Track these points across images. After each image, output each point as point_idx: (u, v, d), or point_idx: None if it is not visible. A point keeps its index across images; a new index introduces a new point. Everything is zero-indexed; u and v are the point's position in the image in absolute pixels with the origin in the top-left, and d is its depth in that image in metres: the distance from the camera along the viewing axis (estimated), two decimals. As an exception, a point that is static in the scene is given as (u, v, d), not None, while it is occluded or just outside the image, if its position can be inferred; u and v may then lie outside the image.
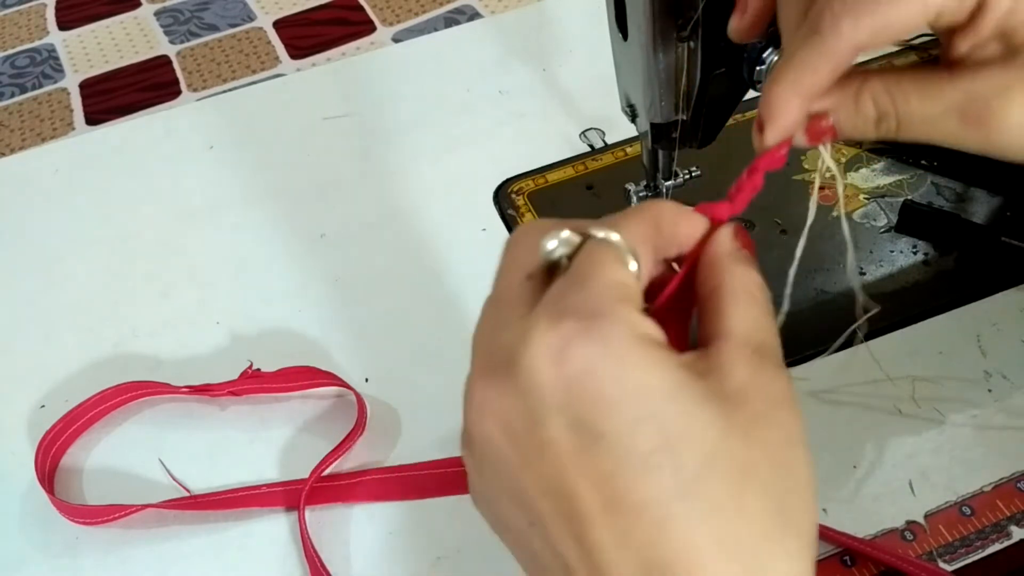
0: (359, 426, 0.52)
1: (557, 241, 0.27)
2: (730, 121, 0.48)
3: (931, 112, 0.29)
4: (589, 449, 0.23)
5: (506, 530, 0.27)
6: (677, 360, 0.25)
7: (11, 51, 0.87)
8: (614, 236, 0.27)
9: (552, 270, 0.27)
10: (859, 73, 0.30)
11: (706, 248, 0.29)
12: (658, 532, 0.23)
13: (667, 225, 0.28)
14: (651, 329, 0.25)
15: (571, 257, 0.27)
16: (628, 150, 0.66)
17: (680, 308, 0.29)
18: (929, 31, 0.29)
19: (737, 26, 0.33)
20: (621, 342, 0.24)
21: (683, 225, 0.29)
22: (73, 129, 0.77)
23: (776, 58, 0.43)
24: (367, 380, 0.54)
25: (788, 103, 0.30)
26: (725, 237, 0.29)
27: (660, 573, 0.23)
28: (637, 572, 0.23)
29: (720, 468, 0.23)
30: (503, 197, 0.64)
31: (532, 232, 0.28)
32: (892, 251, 0.57)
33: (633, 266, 0.27)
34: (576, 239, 0.27)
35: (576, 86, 0.72)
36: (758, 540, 0.23)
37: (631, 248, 0.27)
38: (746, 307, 0.27)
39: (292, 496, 0.49)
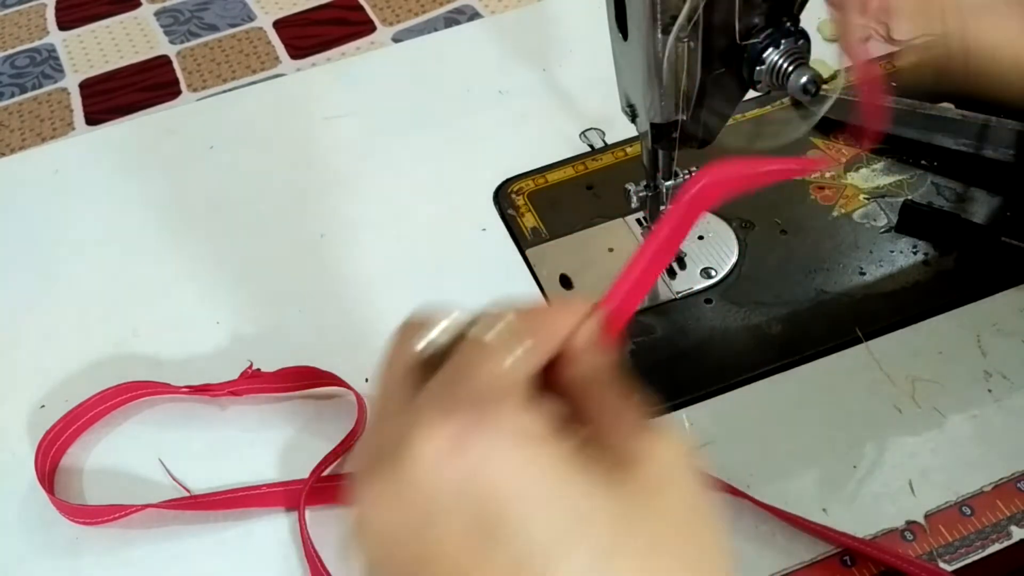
0: (359, 426, 0.52)
1: (427, 341, 0.27)
2: (730, 121, 0.48)
3: None
4: (489, 548, 0.23)
5: None
6: (564, 449, 0.24)
7: (11, 51, 0.87)
8: (488, 334, 0.27)
9: (432, 363, 0.27)
10: None
11: (563, 345, 0.28)
12: None
13: (555, 321, 0.28)
14: (537, 419, 0.25)
15: (451, 348, 0.27)
16: (628, 150, 0.66)
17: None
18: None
19: None
20: (511, 437, 0.23)
21: (567, 321, 0.28)
22: (73, 129, 0.77)
23: (777, 58, 0.43)
24: (367, 380, 0.54)
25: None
26: (581, 334, 0.28)
27: None
28: None
29: (628, 545, 0.23)
30: (503, 197, 0.64)
31: (413, 326, 0.28)
32: (892, 251, 0.57)
33: (513, 358, 0.26)
34: (447, 339, 0.27)
35: (576, 86, 0.72)
36: None
37: (515, 339, 0.26)
38: (604, 393, 0.27)
39: (292, 496, 0.49)
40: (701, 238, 0.59)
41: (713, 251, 0.58)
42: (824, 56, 0.70)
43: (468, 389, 0.25)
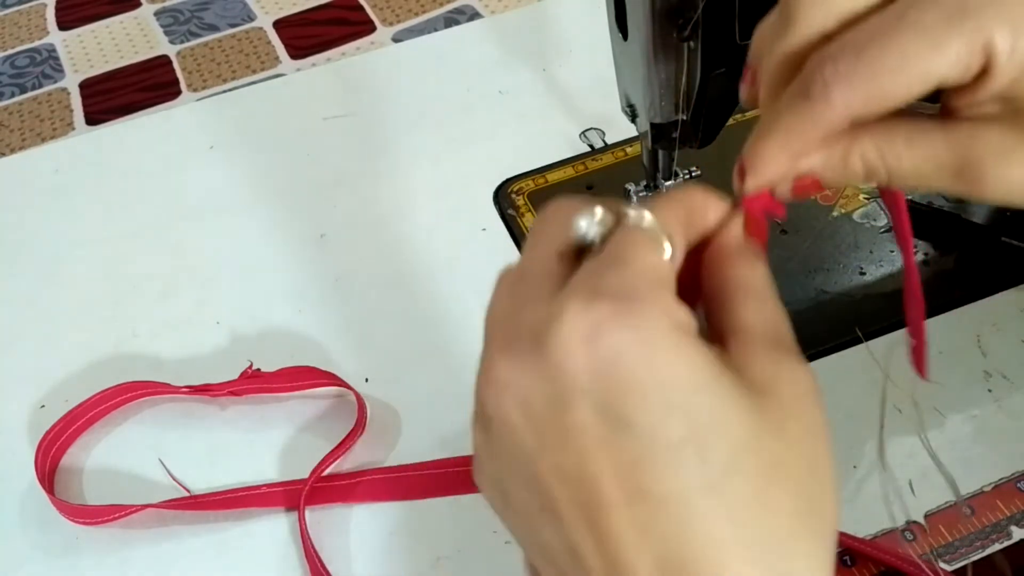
0: (359, 426, 0.52)
1: (592, 220, 0.26)
2: (730, 121, 0.48)
3: (924, 170, 0.28)
4: (615, 436, 0.22)
5: (514, 515, 0.26)
6: (711, 352, 0.24)
7: (11, 51, 0.87)
8: (648, 218, 0.26)
9: (582, 250, 0.26)
10: (846, 132, 0.28)
11: (714, 240, 0.28)
12: (680, 527, 0.22)
13: (698, 212, 0.28)
14: (686, 317, 0.24)
15: (603, 238, 0.26)
16: (628, 150, 0.66)
17: (690, 297, 0.28)
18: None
19: (748, 96, 0.33)
20: (656, 328, 0.23)
21: (711, 212, 0.28)
22: (73, 129, 0.77)
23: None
24: (367, 380, 0.54)
25: (773, 160, 0.29)
26: (733, 228, 0.28)
27: (679, 569, 0.22)
28: (654, 566, 0.22)
29: (749, 464, 0.23)
30: (503, 197, 0.64)
31: (564, 209, 0.27)
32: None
33: (668, 251, 0.26)
34: (609, 220, 0.26)
35: (576, 86, 0.72)
36: (783, 540, 0.23)
37: (667, 233, 0.26)
38: (758, 302, 0.26)
39: (292, 496, 0.49)
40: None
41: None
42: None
43: (622, 274, 0.24)
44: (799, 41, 0.28)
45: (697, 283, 0.28)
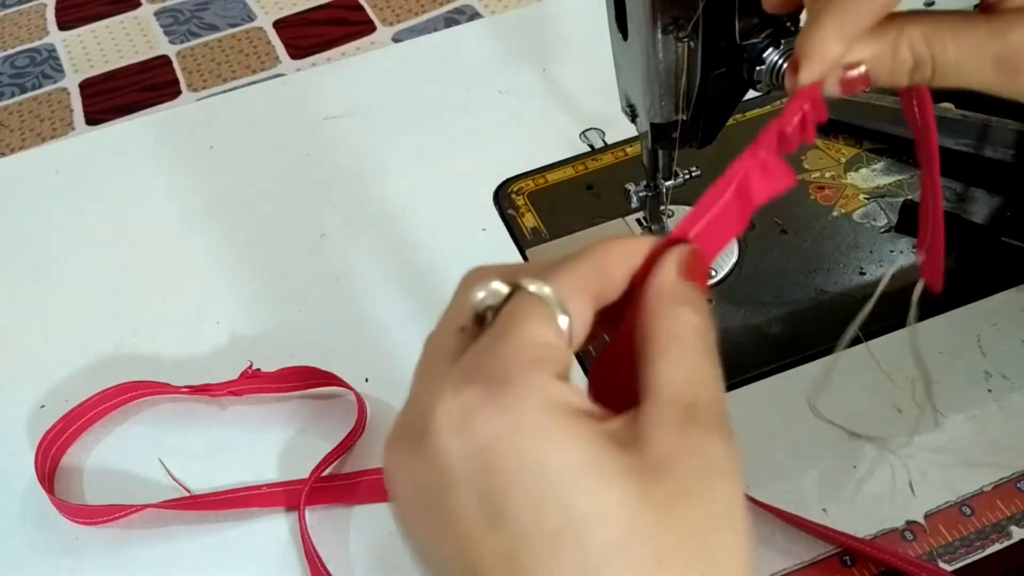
0: (359, 426, 0.52)
1: (483, 292, 0.25)
2: (730, 121, 0.48)
3: (967, 61, 0.28)
4: (493, 526, 0.22)
5: None
6: (592, 431, 0.22)
7: (11, 51, 0.87)
8: (544, 289, 0.25)
9: (483, 323, 0.25)
10: (896, 19, 0.29)
11: (644, 287, 0.26)
12: None
13: (614, 264, 0.26)
14: (565, 395, 0.23)
15: (499, 309, 0.25)
16: (628, 150, 0.66)
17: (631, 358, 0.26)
18: None
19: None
20: (526, 412, 0.22)
21: (636, 260, 0.26)
22: (73, 129, 0.77)
23: (777, 58, 0.43)
24: (367, 380, 0.54)
25: (829, 45, 0.28)
26: (663, 269, 0.26)
27: None
28: None
29: (629, 552, 0.21)
30: (503, 197, 0.64)
31: (470, 281, 0.26)
32: (892, 251, 0.57)
33: (563, 321, 0.24)
34: (503, 290, 0.25)
35: (576, 86, 0.72)
36: None
37: (560, 301, 0.25)
38: (677, 358, 0.24)
39: (292, 496, 0.49)
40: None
41: (713, 251, 0.58)
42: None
43: (502, 351, 0.23)
44: None
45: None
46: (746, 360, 0.53)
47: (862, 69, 0.29)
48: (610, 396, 0.25)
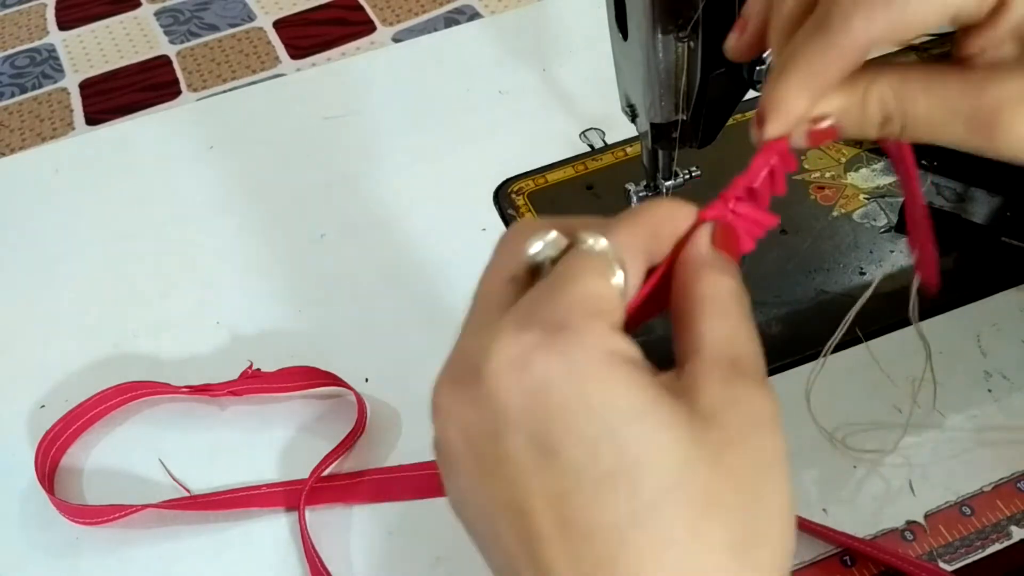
0: (359, 426, 0.52)
1: (542, 243, 0.26)
2: (730, 121, 0.48)
3: (939, 116, 0.27)
4: (545, 466, 0.22)
5: (475, 537, 0.26)
6: (647, 379, 0.23)
7: (11, 51, 0.87)
8: (601, 243, 0.25)
9: (537, 273, 0.26)
10: (865, 74, 0.28)
11: (680, 253, 0.27)
12: (608, 559, 0.22)
13: (665, 227, 0.27)
14: (622, 345, 0.24)
15: (555, 262, 0.26)
16: (628, 150, 0.66)
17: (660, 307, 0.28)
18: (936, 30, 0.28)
19: (736, 45, 0.32)
20: (585, 357, 0.23)
21: (680, 223, 0.27)
22: (73, 129, 0.77)
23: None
24: (367, 380, 0.54)
25: (795, 100, 0.28)
26: (699, 240, 0.27)
27: None
28: None
29: (680, 496, 0.22)
30: (503, 197, 0.64)
31: (522, 232, 0.27)
32: (892, 251, 0.57)
33: (618, 277, 0.25)
34: (563, 243, 0.26)
35: (576, 86, 0.72)
36: (716, 572, 0.22)
37: (618, 257, 0.25)
38: (719, 318, 0.25)
39: (292, 496, 0.49)
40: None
41: (713, 251, 0.58)
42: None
43: (560, 300, 0.24)
44: None
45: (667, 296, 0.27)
46: (746, 360, 0.52)
47: (829, 122, 0.29)
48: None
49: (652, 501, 0.22)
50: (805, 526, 0.45)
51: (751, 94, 0.46)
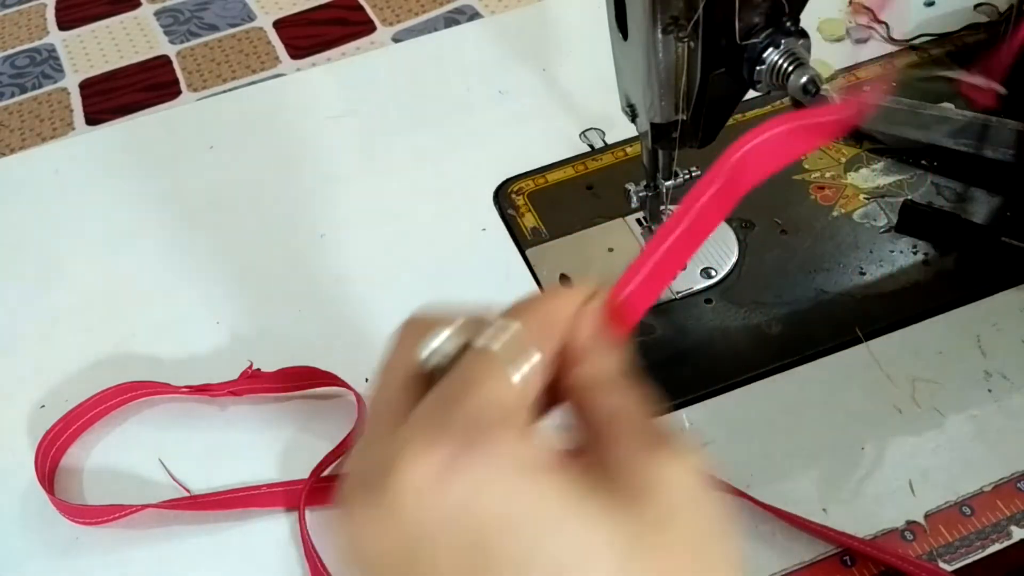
0: (359, 426, 0.51)
1: (432, 347, 0.25)
2: (730, 121, 0.48)
3: None
4: None
5: None
6: (568, 477, 0.22)
7: (11, 51, 0.87)
8: (495, 345, 0.24)
9: (433, 374, 0.25)
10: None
11: (565, 344, 0.26)
12: None
13: (556, 318, 0.26)
14: (535, 452, 0.23)
15: (453, 359, 0.25)
16: (628, 150, 0.66)
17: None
18: None
19: None
20: (507, 467, 0.22)
21: (569, 314, 0.26)
22: (73, 129, 0.77)
23: (777, 58, 0.43)
24: (367, 380, 0.54)
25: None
26: (580, 325, 0.26)
27: None
28: None
29: None
30: (503, 197, 0.64)
31: (413, 332, 0.26)
32: (892, 251, 0.57)
33: (519, 375, 0.24)
34: (453, 347, 0.25)
35: (576, 86, 0.72)
36: None
37: (515, 356, 0.24)
38: (613, 394, 0.25)
39: (292, 496, 0.49)
40: (701, 238, 0.59)
41: (713, 251, 0.58)
42: (824, 56, 0.70)
43: (466, 409, 0.23)
44: None
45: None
46: (746, 360, 0.53)
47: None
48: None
49: None
50: (805, 526, 0.45)
51: (751, 94, 0.46)
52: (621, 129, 0.66)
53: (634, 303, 0.28)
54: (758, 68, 0.43)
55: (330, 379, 0.54)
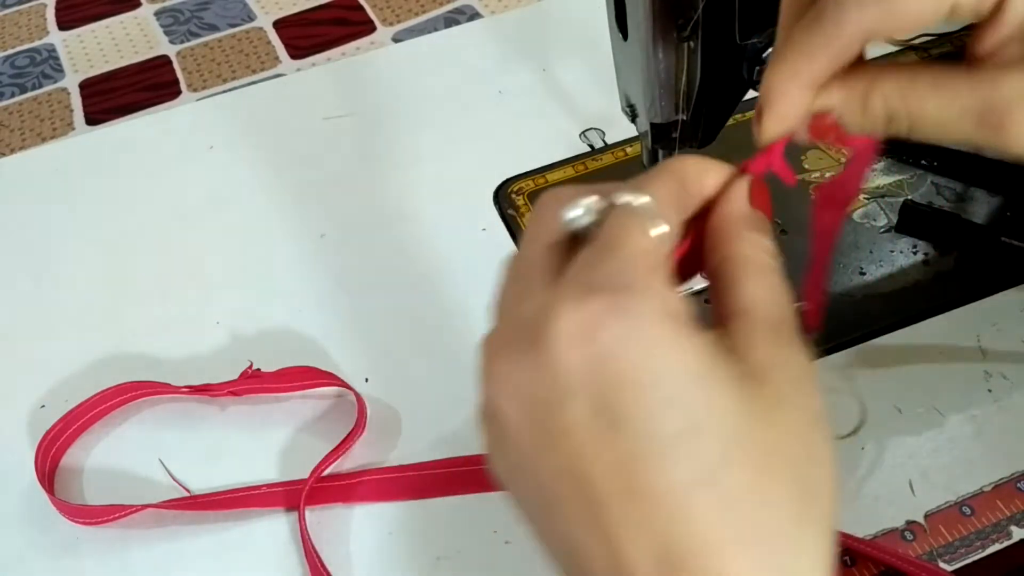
0: (359, 426, 0.52)
1: (580, 209, 0.26)
2: (730, 121, 0.48)
3: (947, 115, 0.27)
4: (612, 432, 0.22)
5: (524, 506, 0.26)
6: (704, 341, 0.24)
7: (11, 51, 0.87)
8: (641, 199, 0.26)
9: (576, 239, 0.26)
10: (869, 70, 0.28)
11: (716, 211, 0.28)
12: (677, 521, 0.22)
13: (695, 182, 0.28)
14: (679, 304, 0.24)
15: (597, 224, 0.26)
16: (628, 150, 0.66)
17: (696, 267, 0.28)
18: (933, 30, 0.28)
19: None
20: (650, 321, 0.23)
21: (709, 179, 0.28)
22: (73, 129, 0.77)
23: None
24: (367, 380, 0.54)
25: (786, 92, 0.28)
26: (736, 198, 0.28)
27: (678, 562, 0.22)
28: (654, 560, 0.22)
29: (743, 455, 0.23)
30: (503, 197, 0.64)
31: (556, 200, 0.27)
32: (892, 251, 0.57)
33: (662, 230, 0.26)
34: (600, 206, 0.26)
35: (576, 86, 0.72)
36: (779, 530, 0.23)
37: (659, 212, 0.26)
38: (761, 280, 0.26)
39: (292, 496, 0.49)
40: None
41: (713, 251, 0.58)
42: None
43: (615, 263, 0.24)
44: None
45: (702, 254, 0.28)
46: (746, 360, 0.53)
47: (832, 118, 0.29)
48: None
49: (717, 461, 0.22)
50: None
51: (751, 94, 0.46)
52: (621, 129, 0.66)
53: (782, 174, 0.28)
54: (758, 68, 0.43)
55: (330, 379, 0.54)
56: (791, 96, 0.28)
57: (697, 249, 0.28)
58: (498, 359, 0.24)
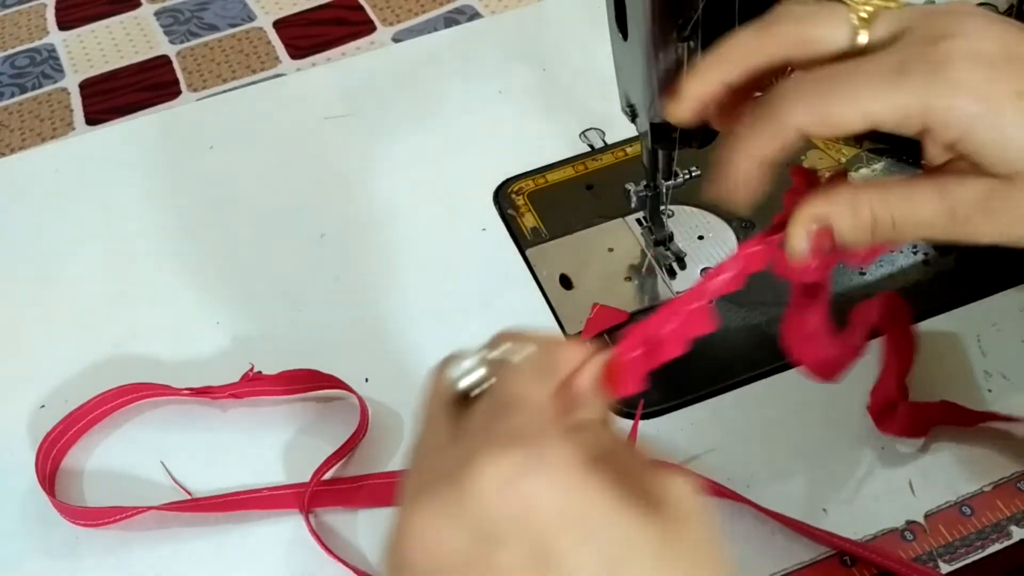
0: (361, 429, 0.51)
1: (464, 366, 0.29)
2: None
3: (924, 214, 0.31)
4: (544, 570, 0.24)
5: None
6: (608, 480, 0.25)
7: (11, 51, 0.87)
8: (517, 359, 0.29)
9: (467, 396, 0.29)
10: (847, 184, 0.32)
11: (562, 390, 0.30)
12: None
13: (568, 363, 0.30)
14: (580, 448, 0.26)
15: (485, 378, 0.29)
16: (628, 150, 0.66)
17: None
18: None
19: (674, 112, 0.35)
20: (565, 470, 0.25)
21: (570, 362, 0.30)
22: (73, 129, 0.77)
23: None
24: (367, 380, 0.54)
25: (738, 164, 0.32)
26: (582, 377, 0.30)
27: None
28: None
29: (672, 574, 0.25)
30: (503, 197, 0.64)
31: (446, 362, 0.30)
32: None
33: (552, 383, 0.28)
34: (482, 366, 0.29)
35: (576, 86, 0.72)
36: None
37: (541, 366, 0.29)
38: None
39: (294, 499, 0.49)
40: (701, 238, 0.59)
41: (713, 251, 0.58)
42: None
43: (520, 419, 0.26)
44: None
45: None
46: (746, 360, 0.53)
47: (830, 234, 0.32)
48: None
49: None
50: (801, 529, 0.45)
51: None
52: (621, 129, 0.66)
53: (632, 369, 0.31)
54: (758, 69, 0.43)
55: (331, 382, 0.54)
56: (742, 167, 0.32)
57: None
58: (419, 513, 0.25)
